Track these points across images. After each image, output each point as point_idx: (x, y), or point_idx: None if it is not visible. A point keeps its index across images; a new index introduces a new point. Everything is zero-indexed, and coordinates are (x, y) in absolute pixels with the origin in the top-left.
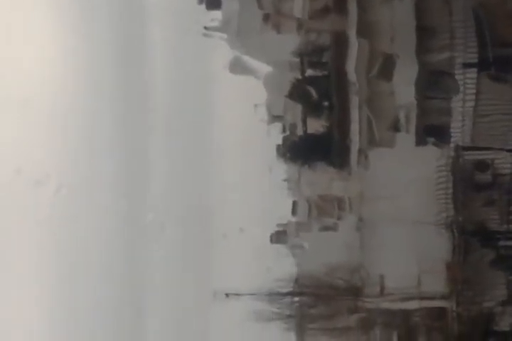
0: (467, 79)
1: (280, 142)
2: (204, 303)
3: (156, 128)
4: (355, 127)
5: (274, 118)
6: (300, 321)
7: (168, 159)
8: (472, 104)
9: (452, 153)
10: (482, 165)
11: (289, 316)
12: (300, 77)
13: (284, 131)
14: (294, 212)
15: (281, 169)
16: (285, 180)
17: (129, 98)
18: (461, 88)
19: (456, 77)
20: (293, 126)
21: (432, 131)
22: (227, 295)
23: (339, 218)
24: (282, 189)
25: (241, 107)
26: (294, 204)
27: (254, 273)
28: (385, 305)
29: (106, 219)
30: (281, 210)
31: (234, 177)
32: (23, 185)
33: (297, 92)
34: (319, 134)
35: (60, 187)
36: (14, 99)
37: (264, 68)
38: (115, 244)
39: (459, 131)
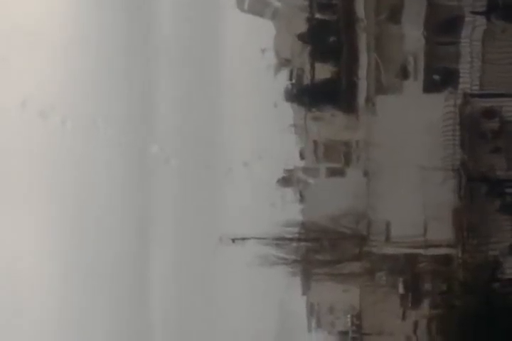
0: (476, 24)
1: (288, 86)
2: (210, 248)
3: (163, 63)
4: (363, 72)
5: (282, 62)
6: (306, 266)
7: (174, 93)
8: (481, 49)
9: (460, 100)
10: (490, 112)
11: (295, 261)
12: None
13: (291, 75)
14: (301, 156)
15: (288, 114)
16: (292, 125)
17: (135, 34)
18: (470, 33)
19: (466, 21)
20: (301, 71)
21: (440, 77)
22: (233, 240)
23: (346, 163)
24: (289, 134)
25: (249, 50)
26: (302, 149)
27: (260, 216)
28: (391, 251)
29: (111, 152)
30: (288, 155)
31: (240, 113)
32: (28, 117)
33: (308, 32)
34: (327, 79)
35: (65, 119)
36: (20, 31)
37: (273, 5)
38: (119, 176)
39: (468, 77)
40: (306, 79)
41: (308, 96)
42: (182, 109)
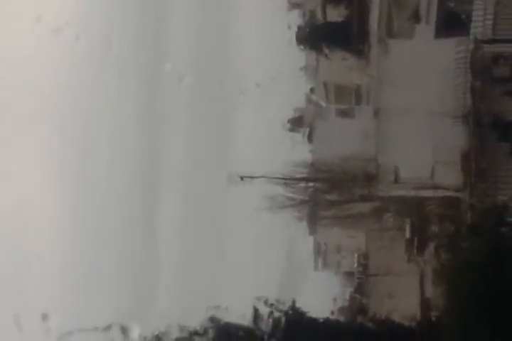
0: None
1: (300, 28)
2: (218, 185)
3: None
4: (374, 16)
5: (294, 5)
6: (313, 208)
7: (188, 11)
8: None
9: (471, 46)
10: (501, 58)
11: (303, 202)
12: None
13: (303, 17)
14: (308, 100)
15: (299, 56)
16: (303, 68)
17: None
18: None
19: None
20: (312, 13)
21: (453, 22)
22: (241, 177)
23: (357, 105)
24: (300, 76)
25: None
26: (312, 90)
27: (270, 152)
28: (399, 193)
29: (124, 69)
30: (297, 97)
31: (251, 35)
32: (41, 33)
33: None
34: (338, 22)
35: (79, 35)
36: None
37: None
38: (132, 92)
39: (480, 21)
40: (318, 22)
41: (319, 38)
42: (196, 26)
